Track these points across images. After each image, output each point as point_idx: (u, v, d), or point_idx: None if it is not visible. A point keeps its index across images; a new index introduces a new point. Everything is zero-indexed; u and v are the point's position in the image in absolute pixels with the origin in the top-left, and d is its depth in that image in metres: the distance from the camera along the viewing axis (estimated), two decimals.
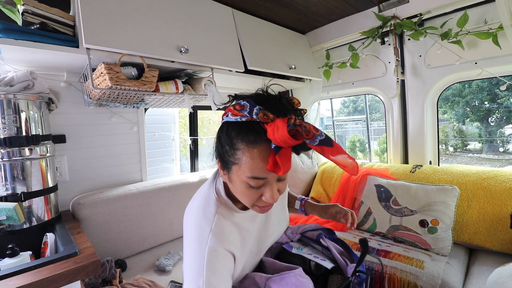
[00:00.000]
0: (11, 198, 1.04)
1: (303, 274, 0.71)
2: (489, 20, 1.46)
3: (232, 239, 0.68)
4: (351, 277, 0.71)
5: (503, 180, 1.39)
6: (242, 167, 0.60)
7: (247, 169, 0.59)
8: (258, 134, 0.57)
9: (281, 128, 0.52)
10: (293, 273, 0.70)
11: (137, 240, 1.52)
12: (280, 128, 0.52)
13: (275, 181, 0.62)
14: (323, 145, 0.53)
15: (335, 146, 0.53)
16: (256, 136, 0.57)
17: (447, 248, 1.33)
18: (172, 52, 1.28)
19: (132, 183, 1.66)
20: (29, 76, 1.11)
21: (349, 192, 1.75)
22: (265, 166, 0.57)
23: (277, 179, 0.63)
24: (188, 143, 2.19)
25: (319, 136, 0.53)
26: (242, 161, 0.59)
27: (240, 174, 0.61)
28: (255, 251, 0.80)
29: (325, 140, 0.53)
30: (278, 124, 0.53)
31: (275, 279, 0.70)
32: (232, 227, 0.70)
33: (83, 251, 0.95)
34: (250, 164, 0.58)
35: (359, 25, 1.89)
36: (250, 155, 0.58)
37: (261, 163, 0.57)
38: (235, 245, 0.69)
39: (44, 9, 1.05)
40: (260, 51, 1.74)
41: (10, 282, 0.75)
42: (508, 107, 8.77)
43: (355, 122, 11.63)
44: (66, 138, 1.43)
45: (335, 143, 0.53)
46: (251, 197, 0.63)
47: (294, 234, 0.90)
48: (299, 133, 0.53)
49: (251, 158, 0.58)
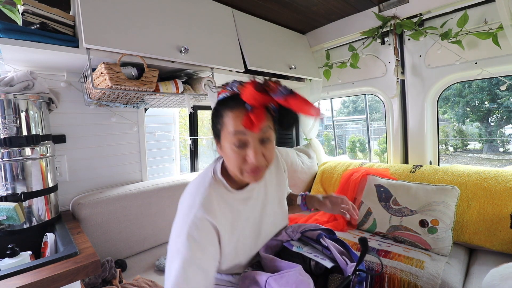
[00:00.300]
0: (11, 198, 1.04)
1: (303, 273, 0.71)
2: (489, 20, 1.46)
3: (219, 216, 0.71)
4: (352, 276, 0.71)
5: (503, 180, 1.39)
6: (227, 128, 0.70)
7: (230, 127, 0.69)
8: (237, 101, 0.68)
9: (249, 87, 0.64)
10: (293, 271, 0.70)
11: (137, 240, 1.52)
12: (249, 87, 0.64)
13: (257, 142, 0.70)
14: (286, 95, 0.63)
15: (297, 96, 0.63)
16: (235, 102, 0.69)
17: (447, 248, 1.33)
18: (172, 52, 1.28)
19: (132, 183, 1.66)
20: (29, 76, 1.11)
21: (349, 192, 1.75)
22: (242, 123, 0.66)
23: (259, 141, 0.70)
24: (188, 143, 2.19)
25: (282, 90, 0.63)
26: (227, 123, 0.70)
27: (226, 136, 0.71)
28: (250, 242, 0.81)
29: (287, 92, 0.63)
30: (247, 85, 0.65)
31: (275, 277, 0.70)
32: (222, 204, 0.74)
33: (83, 251, 0.95)
34: (231, 123, 0.69)
35: (359, 25, 1.89)
36: (232, 116, 0.69)
37: (239, 121, 0.67)
38: (221, 222, 0.72)
39: (44, 9, 1.05)
40: (260, 51, 1.74)
41: (10, 282, 0.75)
42: (508, 107, 8.77)
43: (355, 122, 11.64)
44: (66, 138, 1.43)
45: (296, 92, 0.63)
46: (238, 159, 0.70)
47: (295, 233, 0.90)
48: (264, 90, 0.63)
49: (232, 119, 0.69)
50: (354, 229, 1.65)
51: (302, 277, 0.69)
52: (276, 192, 0.92)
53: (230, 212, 0.75)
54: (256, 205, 0.83)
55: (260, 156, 0.70)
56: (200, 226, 0.67)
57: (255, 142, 0.69)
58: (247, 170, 0.71)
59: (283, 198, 0.96)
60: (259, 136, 0.70)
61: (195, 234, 0.66)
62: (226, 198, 0.75)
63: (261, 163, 0.70)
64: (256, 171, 0.71)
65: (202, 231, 0.68)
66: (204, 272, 0.65)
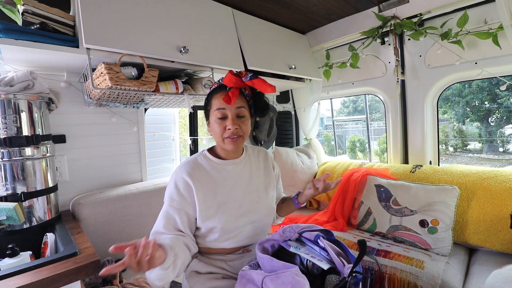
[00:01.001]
0: (11, 198, 1.04)
1: (299, 273, 0.71)
2: (489, 20, 1.46)
3: (197, 177, 0.92)
4: (348, 278, 0.71)
5: (503, 180, 1.39)
6: (212, 107, 0.93)
7: (215, 105, 0.92)
8: (220, 88, 0.94)
9: (228, 74, 0.90)
10: (289, 272, 0.70)
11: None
12: (228, 74, 0.90)
13: (234, 115, 0.91)
14: (252, 79, 0.89)
15: (258, 78, 0.90)
16: (220, 88, 0.94)
17: (447, 248, 1.33)
18: (172, 52, 1.28)
19: (132, 183, 1.66)
20: (29, 76, 1.11)
21: (349, 192, 1.75)
22: (223, 100, 0.89)
23: (236, 115, 0.91)
24: (188, 143, 2.19)
25: (249, 74, 0.90)
26: (212, 103, 0.94)
27: (212, 113, 0.93)
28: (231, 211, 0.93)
29: (252, 75, 0.90)
30: (227, 73, 0.91)
31: (272, 277, 0.70)
32: (202, 171, 0.94)
33: (83, 251, 0.95)
34: (216, 102, 0.92)
35: (359, 25, 1.89)
36: (216, 97, 0.93)
37: (221, 99, 0.90)
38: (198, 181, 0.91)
39: (44, 9, 1.05)
40: (260, 51, 1.74)
41: (10, 282, 0.75)
42: (508, 107, 8.77)
43: (355, 122, 11.65)
44: (66, 138, 1.43)
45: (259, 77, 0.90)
46: (220, 128, 0.91)
47: (292, 233, 0.91)
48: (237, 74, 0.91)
49: (216, 99, 0.93)
50: (354, 229, 1.65)
51: (298, 278, 0.69)
52: (263, 177, 1.06)
53: (208, 176, 0.94)
54: (239, 180, 0.98)
55: (236, 126, 0.91)
56: (182, 187, 0.90)
57: (233, 115, 0.91)
58: (226, 137, 0.91)
59: (269, 186, 1.06)
60: (235, 112, 0.91)
61: (175, 190, 0.90)
62: (208, 166, 0.96)
63: (238, 132, 0.91)
64: (234, 138, 0.91)
65: (181, 190, 0.90)
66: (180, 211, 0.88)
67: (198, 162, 0.96)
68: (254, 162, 1.06)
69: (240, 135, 0.92)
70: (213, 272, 0.93)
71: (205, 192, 0.91)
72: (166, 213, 0.89)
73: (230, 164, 0.99)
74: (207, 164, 0.97)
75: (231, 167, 0.98)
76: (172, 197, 0.90)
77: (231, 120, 0.90)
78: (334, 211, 1.77)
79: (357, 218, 1.66)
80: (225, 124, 0.91)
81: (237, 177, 0.98)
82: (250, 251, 0.99)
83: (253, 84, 0.90)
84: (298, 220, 1.81)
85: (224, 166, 0.98)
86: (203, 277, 0.92)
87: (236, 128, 0.90)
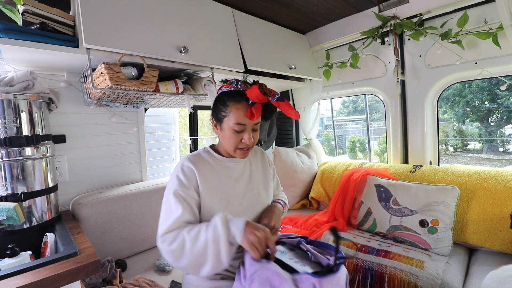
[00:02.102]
0: (11, 198, 1.04)
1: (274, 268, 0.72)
2: (489, 20, 1.46)
3: (200, 168, 0.92)
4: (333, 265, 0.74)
5: (503, 180, 1.39)
6: (230, 117, 0.90)
7: (233, 117, 0.89)
8: (241, 96, 0.89)
9: (255, 89, 0.85)
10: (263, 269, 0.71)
11: (137, 240, 1.52)
12: (254, 89, 0.85)
13: (251, 129, 0.92)
14: (279, 101, 0.87)
15: (285, 101, 0.88)
16: (240, 97, 0.89)
17: (447, 248, 1.33)
18: (172, 52, 1.28)
19: (132, 183, 1.66)
20: (29, 76, 1.11)
21: (349, 192, 1.75)
22: (245, 114, 0.88)
23: (252, 129, 0.92)
24: (188, 143, 2.19)
25: (276, 95, 0.87)
26: (231, 113, 0.89)
27: (229, 122, 0.90)
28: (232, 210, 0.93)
29: (280, 97, 0.87)
30: (254, 87, 0.85)
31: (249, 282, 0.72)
32: (206, 165, 0.95)
33: (83, 251, 0.95)
34: (235, 114, 0.89)
35: (359, 25, 1.89)
36: (236, 108, 0.89)
37: (242, 113, 0.88)
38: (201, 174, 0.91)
39: (44, 9, 1.05)
40: (260, 51, 1.74)
41: (10, 282, 0.75)
42: (508, 107, 8.77)
43: (355, 122, 11.64)
44: (66, 138, 1.43)
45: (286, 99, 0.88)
46: (235, 140, 0.91)
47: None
48: (265, 93, 0.86)
49: (236, 110, 0.89)
50: (354, 229, 1.65)
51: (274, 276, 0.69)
52: (262, 176, 1.08)
53: (211, 170, 0.95)
54: (240, 178, 1.00)
55: (252, 139, 0.92)
56: (186, 171, 0.91)
57: (250, 129, 0.92)
58: (240, 148, 0.93)
59: (268, 185, 1.08)
60: (254, 127, 0.93)
61: (181, 175, 0.91)
62: (211, 161, 0.97)
63: (252, 144, 0.94)
64: (246, 150, 0.94)
65: (187, 174, 0.91)
66: (185, 200, 0.87)
67: (202, 157, 0.98)
68: (254, 161, 1.08)
69: (252, 146, 0.96)
70: None
71: (208, 184, 0.92)
72: (178, 196, 0.87)
73: (232, 162, 1.00)
74: (210, 159, 0.98)
75: (233, 164, 1.00)
76: (181, 182, 0.89)
77: (248, 134, 0.91)
78: (334, 211, 1.77)
79: (357, 218, 1.66)
80: (241, 136, 0.91)
81: (239, 175, 1.00)
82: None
83: (278, 105, 0.88)
84: (298, 220, 1.81)
85: (226, 163, 0.99)
86: (202, 277, 0.92)
87: (251, 141, 0.92)
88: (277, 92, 0.88)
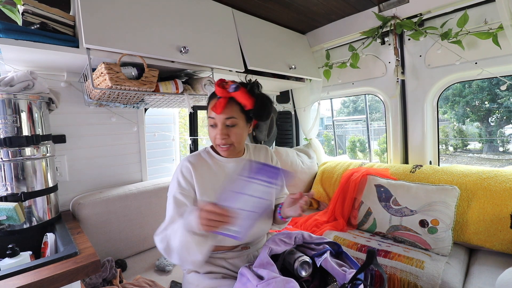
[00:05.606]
0: (11, 198, 1.04)
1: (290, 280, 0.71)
2: (489, 20, 1.46)
3: (198, 168, 0.95)
4: (347, 284, 0.71)
5: (503, 180, 1.39)
6: (207, 113, 0.96)
7: (208, 112, 0.95)
8: (214, 95, 0.96)
9: (216, 82, 0.91)
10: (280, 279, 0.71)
11: (137, 240, 1.52)
12: (216, 83, 0.91)
13: (222, 125, 0.92)
14: (235, 91, 0.88)
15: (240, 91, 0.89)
16: (213, 95, 0.96)
17: (447, 248, 1.33)
18: (172, 52, 1.28)
19: (132, 183, 1.66)
20: (29, 76, 1.11)
21: (349, 192, 1.75)
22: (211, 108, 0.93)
23: (225, 125, 0.92)
24: (188, 143, 2.19)
25: (232, 85, 0.89)
26: (208, 110, 0.96)
27: (208, 118, 0.96)
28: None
29: (235, 87, 0.89)
30: (216, 82, 0.92)
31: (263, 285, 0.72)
32: (205, 165, 0.98)
33: (83, 251, 0.94)
34: (208, 108, 0.95)
35: (359, 25, 1.89)
36: (210, 103, 0.95)
37: (212, 107, 0.92)
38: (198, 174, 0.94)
39: (44, 9, 1.05)
40: (260, 51, 1.74)
41: (10, 282, 0.75)
42: (508, 107, 8.77)
43: (355, 122, 11.63)
44: (66, 138, 1.43)
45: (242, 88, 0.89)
46: (211, 135, 0.95)
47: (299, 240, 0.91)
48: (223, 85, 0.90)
49: (210, 104, 0.95)
50: (354, 229, 1.65)
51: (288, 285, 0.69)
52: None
53: (209, 171, 0.97)
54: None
55: (224, 136, 0.92)
56: (184, 172, 0.95)
57: (222, 125, 0.92)
58: (217, 144, 0.95)
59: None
60: (224, 122, 0.92)
61: (180, 177, 0.94)
62: (210, 162, 0.99)
63: (227, 142, 0.93)
64: (224, 147, 0.94)
65: (185, 175, 0.94)
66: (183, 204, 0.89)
67: (201, 157, 1.00)
68: (254, 157, 1.09)
69: (230, 144, 0.93)
70: (213, 272, 0.93)
71: (205, 185, 0.93)
72: (175, 199, 0.90)
73: (231, 162, 1.01)
74: (209, 159, 1.00)
75: (232, 164, 1.00)
76: (180, 184, 0.93)
77: (219, 130, 0.92)
78: (334, 211, 1.77)
79: (357, 218, 1.66)
80: (215, 131, 0.93)
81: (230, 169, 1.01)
82: (249, 248, 1.00)
83: (235, 95, 0.89)
84: (298, 219, 1.81)
85: (225, 163, 1.00)
86: (203, 277, 0.92)
87: (223, 138, 0.92)
88: (234, 82, 0.90)
